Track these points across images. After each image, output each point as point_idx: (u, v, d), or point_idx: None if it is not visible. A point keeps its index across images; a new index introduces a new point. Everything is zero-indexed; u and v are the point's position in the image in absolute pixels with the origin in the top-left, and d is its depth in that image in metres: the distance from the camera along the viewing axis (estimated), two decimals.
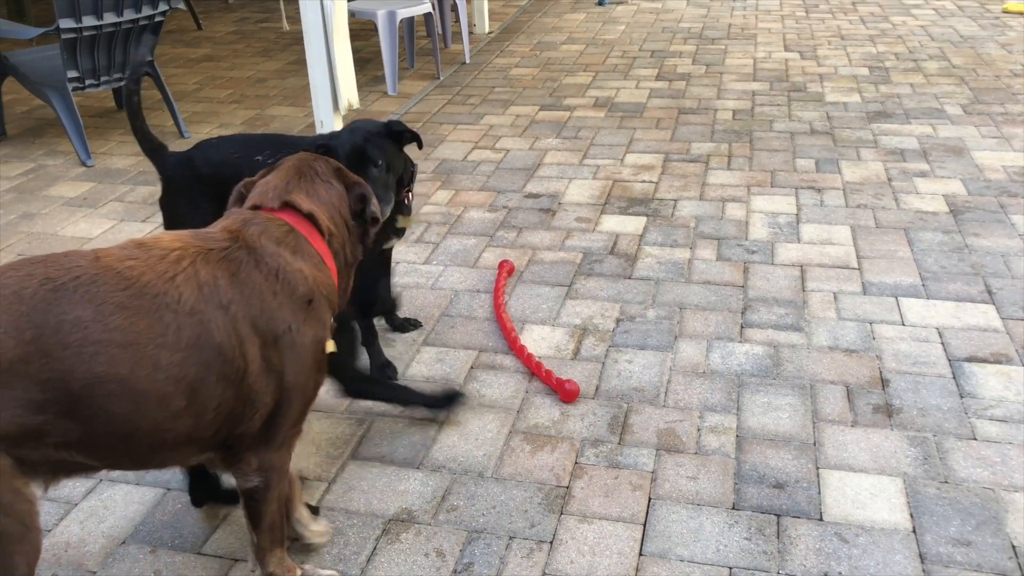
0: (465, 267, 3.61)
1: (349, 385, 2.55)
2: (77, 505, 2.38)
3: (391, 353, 2.98)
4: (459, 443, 2.57)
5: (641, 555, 2.15)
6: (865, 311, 3.18)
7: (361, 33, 7.56)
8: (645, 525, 2.24)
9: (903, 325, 3.08)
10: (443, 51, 7.12)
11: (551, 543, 2.20)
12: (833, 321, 3.12)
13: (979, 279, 3.37)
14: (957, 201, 4.06)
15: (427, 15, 6.41)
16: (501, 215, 4.10)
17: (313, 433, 2.62)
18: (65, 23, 4.64)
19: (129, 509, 2.36)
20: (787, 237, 3.77)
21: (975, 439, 2.51)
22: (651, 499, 2.33)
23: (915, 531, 2.19)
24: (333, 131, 2.71)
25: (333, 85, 4.91)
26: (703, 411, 2.67)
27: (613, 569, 2.11)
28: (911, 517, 2.23)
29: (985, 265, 3.47)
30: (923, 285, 3.34)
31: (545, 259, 3.67)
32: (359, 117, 5.37)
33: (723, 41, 7.29)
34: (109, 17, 4.78)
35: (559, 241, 3.82)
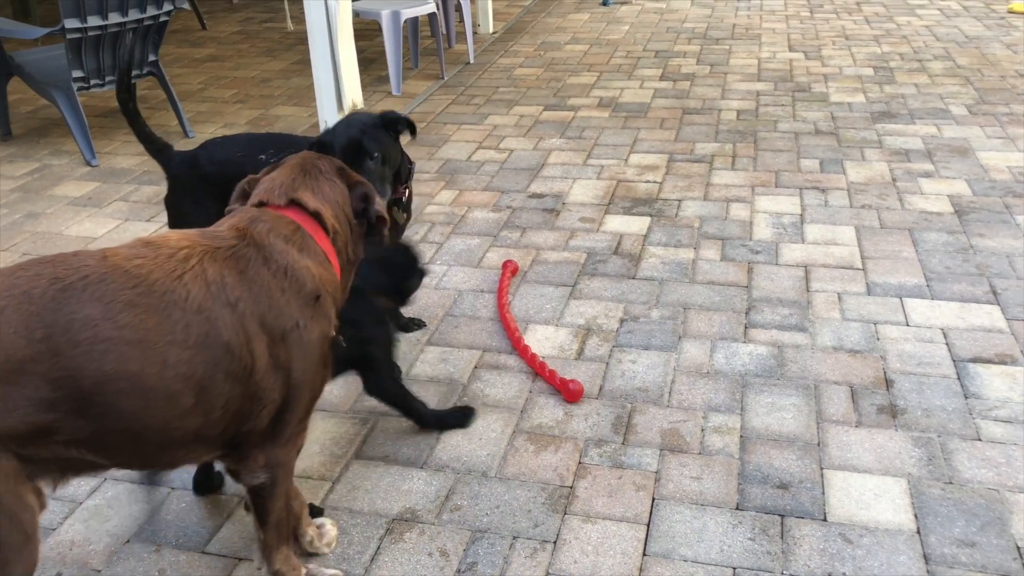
0: (469, 267, 3.61)
1: (380, 383, 2.53)
2: (82, 504, 2.39)
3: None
4: (463, 443, 2.57)
5: (645, 555, 2.15)
6: (869, 311, 3.17)
7: (365, 33, 7.57)
8: (649, 525, 2.24)
9: (907, 326, 3.07)
10: (447, 51, 7.12)
11: (555, 543, 2.20)
12: (837, 321, 3.11)
13: (984, 280, 3.36)
14: (962, 202, 4.05)
15: (431, 15, 6.42)
16: (505, 215, 4.10)
17: (317, 432, 2.62)
18: (70, 23, 4.65)
19: (133, 508, 2.37)
20: (791, 237, 3.76)
21: (980, 440, 2.50)
22: (655, 499, 2.33)
23: (919, 532, 2.19)
24: (328, 127, 2.69)
25: (337, 85, 4.92)
26: (707, 411, 2.67)
27: (617, 569, 2.11)
28: (915, 518, 2.23)
29: (990, 266, 3.46)
30: (928, 286, 3.33)
31: (549, 259, 3.67)
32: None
33: (727, 41, 7.29)
34: (114, 17, 4.79)
35: (563, 241, 3.82)
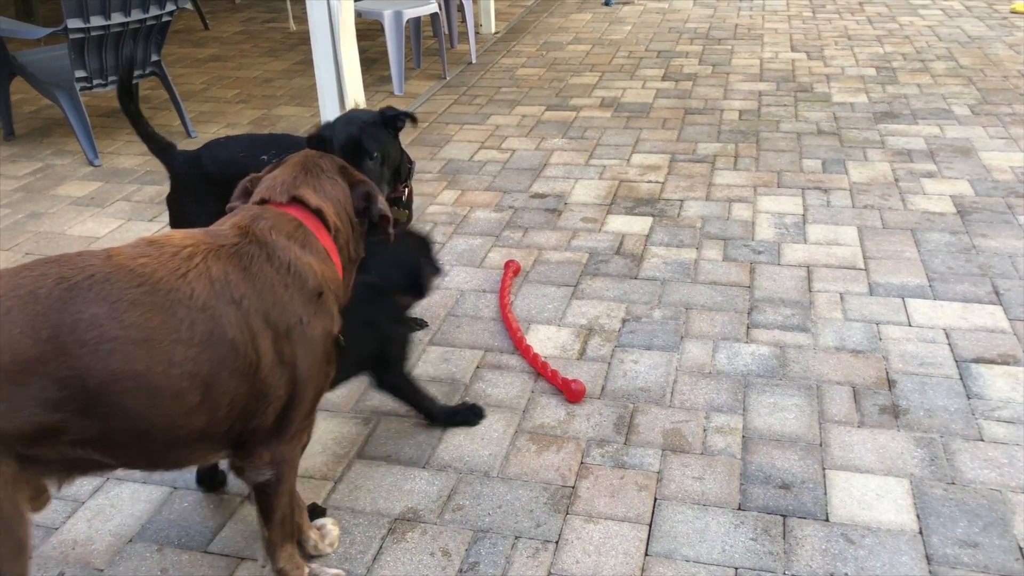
0: (471, 267, 3.61)
1: (393, 380, 2.53)
2: (84, 503, 2.39)
3: None
4: (465, 443, 2.57)
5: (647, 555, 2.15)
6: (872, 312, 3.17)
7: (368, 33, 7.57)
8: (651, 525, 2.24)
9: (910, 326, 3.07)
10: (449, 51, 7.13)
11: (557, 543, 2.20)
12: (839, 322, 3.11)
13: (986, 280, 3.36)
14: (964, 202, 4.05)
15: (433, 15, 6.42)
16: (507, 215, 4.11)
17: (319, 432, 2.62)
18: (73, 23, 4.66)
19: (136, 507, 2.37)
20: (793, 238, 3.76)
21: (982, 440, 2.50)
22: (657, 499, 2.33)
23: (922, 532, 2.19)
24: (328, 121, 2.67)
25: (340, 85, 4.91)
26: (709, 411, 2.67)
27: (619, 569, 2.11)
28: (918, 518, 2.23)
29: (992, 266, 3.46)
30: (930, 286, 3.33)
31: (551, 259, 3.67)
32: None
33: (729, 41, 7.28)
34: (117, 17, 4.79)
35: (565, 241, 3.82)
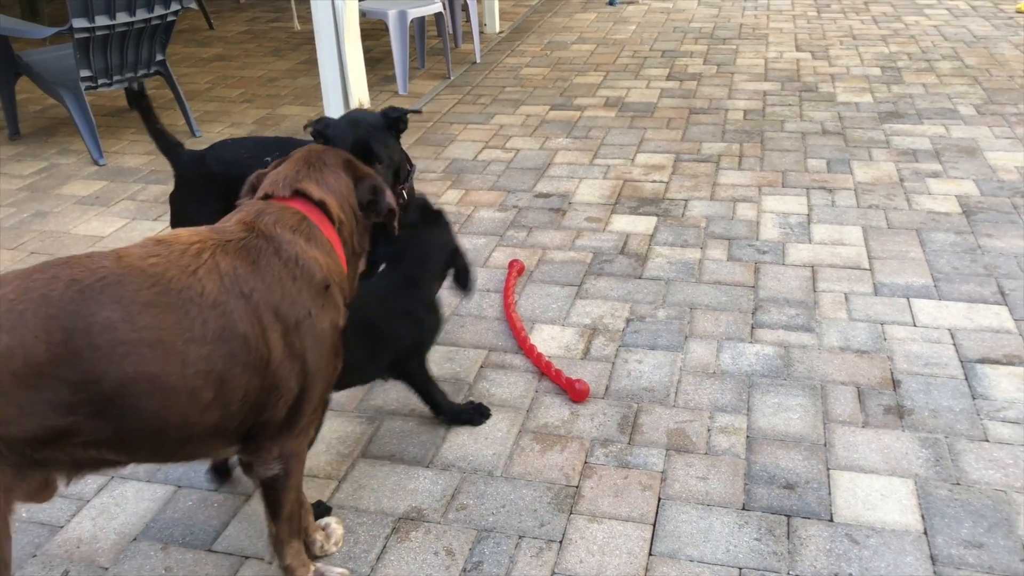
0: (475, 266, 3.61)
1: (411, 368, 2.53)
2: (89, 502, 2.39)
3: None
4: (469, 442, 2.57)
5: (651, 555, 2.15)
6: (876, 312, 3.16)
7: (372, 33, 7.58)
8: (655, 525, 2.24)
9: (915, 326, 3.06)
10: (454, 51, 7.13)
11: (560, 542, 2.20)
12: (844, 322, 3.11)
13: (992, 280, 3.35)
14: (970, 202, 4.04)
15: (438, 15, 6.42)
16: (511, 215, 4.11)
17: (323, 431, 2.62)
18: (78, 23, 4.67)
19: (140, 506, 2.37)
20: (798, 237, 3.76)
21: (987, 441, 2.49)
22: (661, 499, 2.33)
23: (926, 533, 2.18)
24: (327, 119, 2.58)
25: (344, 85, 4.92)
26: (713, 411, 2.67)
27: (622, 569, 2.11)
28: (922, 519, 2.23)
29: (998, 266, 3.45)
30: (935, 286, 3.32)
31: (555, 259, 3.66)
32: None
33: (734, 41, 7.27)
34: (122, 17, 4.80)
35: (569, 241, 3.82)
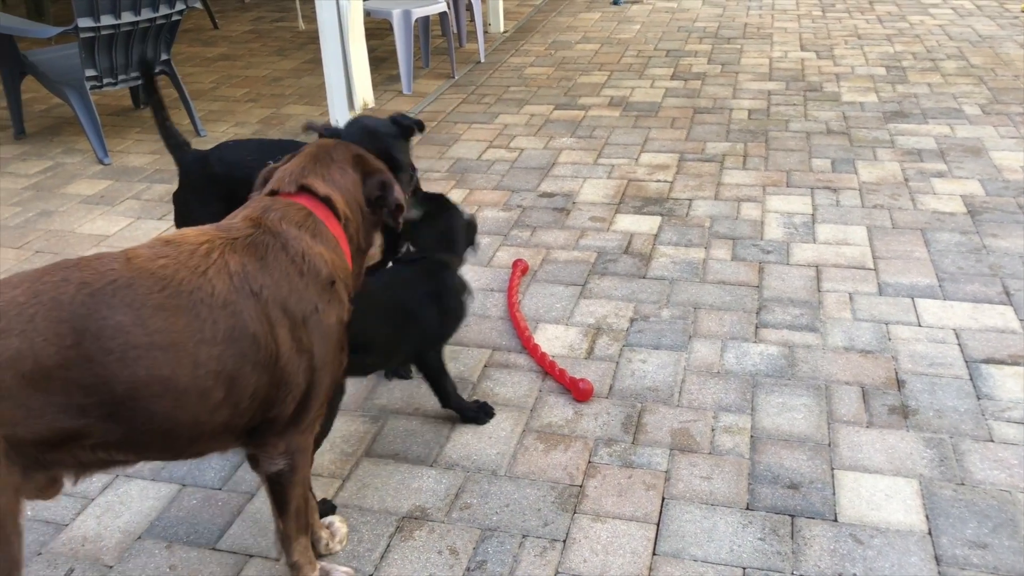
0: (479, 266, 3.61)
1: (428, 355, 2.55)
2: (94, 500, 2.40)
3: None
4: (473, 441, 2.58)
5: (654, 555, 2.15)
6: (881, 312, 3.16)
7: (376, 32, 7.58)
8: (659, 525, 2.24)
9: (919, 326, 3.06)
10: (458, 50, 7.13)
11: (564, 542, 2.20)
12: (849, 322, 3.10)
13: (997, 280, 3.34)
14: (975, 202, 4.03)
15: (442, 14, 6.42)
16: (515, 214, 4.11)
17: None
18: (83, 22, 4.68)
19: (145, 504, 2.38)
20: (802, 237, 3.75)
21: (992, 441, 2.49)
22: (665, 499, 2.33)
23: (931, 533, 2.18)
24: (335, 128, 2.61)
25: (348, 84, 4.93)
26: (717, 411, 2.66)
27: (626, 568, 2.11)
28: (927, 519, 2.22)
29: (1003, 266, 3.44)
30: (940, 286, 3.31)
31: (559, 258, 3.66)
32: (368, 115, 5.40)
33: (739, 40, 7.27)
34: (127, 16, 4.81)
35: (573, 240, 3.82)
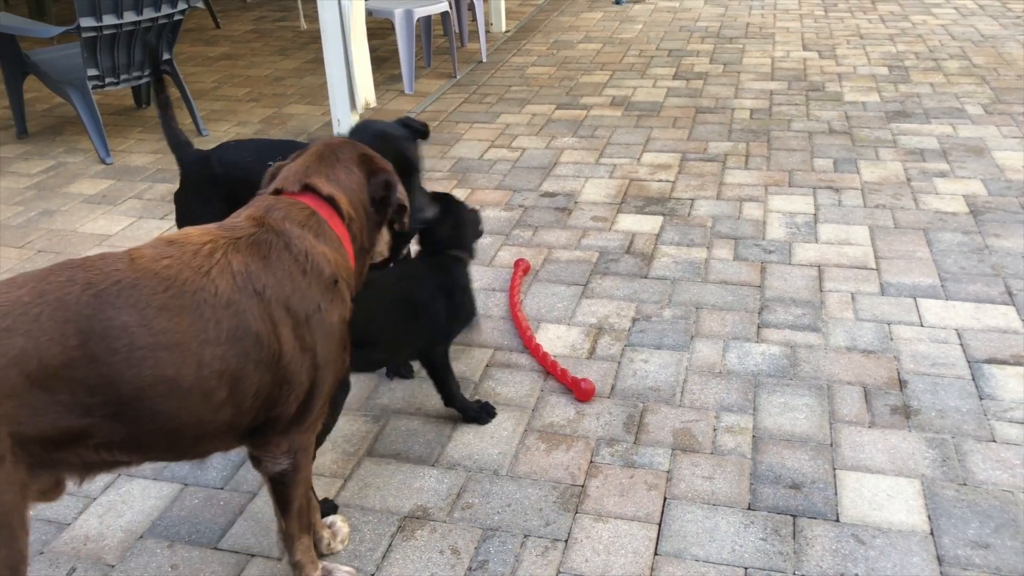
0: (481, 265, 3.61)
1: (438, 352, 2.56)
2: (96, 499, 2.40)
3: None
4: (474, 441, 2.57)
5: (656, 555, 2.15)
6: (883, 312, 3.16)
7: (378, 32, 7.58)
8: (660, 525, 2.24)
9: (921, 326, 3.06)
10: (460, 50, 7.13)
11: (566, 542, 2.20)
12: (851, 322, 3.10)
13: (999, 280, 3.34)
14: (977, 202, 4.03)
15: (444, 14, 6.42)
16: (517, 214, 4.10)
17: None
18: (85, 22, 4.68)
19: (147, 504, 2.38)
20: (805, 237, 3.75)
21: (994, 441, 2.49)
22: (666, 499, 2.32)
23: (933, 533, 2.18)
24: (360, 135, 2.59)
25: (350, 84, 4.92)
26: (719, 411, 2.66)
27: (628, 568, 2.11)
28: (929, 519, 2.22)
29: (1005, 266, 3.44)
30: (942, 286, 3.31)
31: (561, 258, 3.66)
32: (376, 116, 5.40)
33: (741, 40, 7.26)
34: (129, 16, 4.81)
35: (575, 240, 3.81)
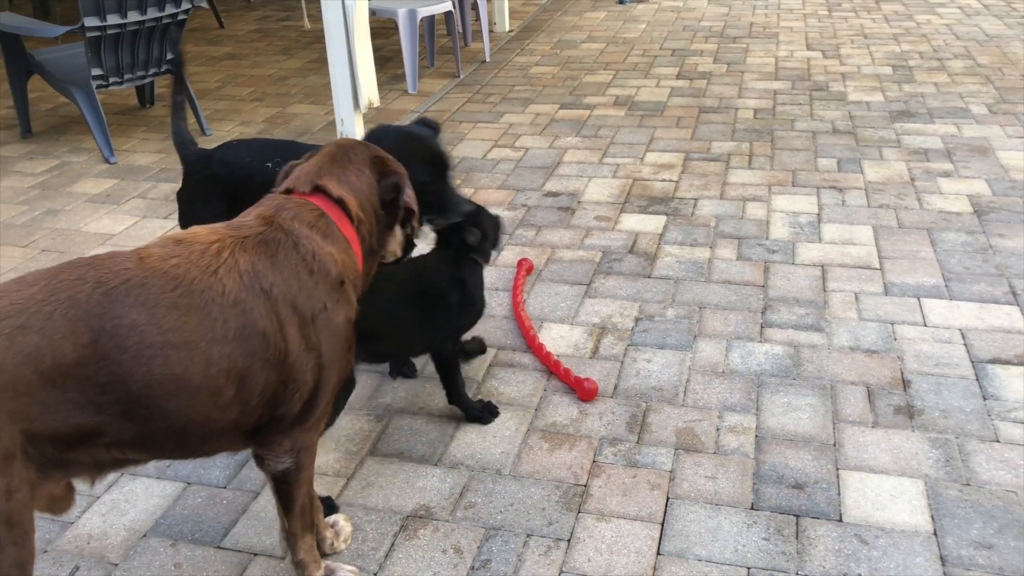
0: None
1: (447, 349, 2.58)
2: (99, 498, 2.41)
3: None
4: (477, 440, 2.58)
5: (659, 554, 2.15)
6: (887, 311, 3.15)
7: (382, 31, 7.58)
8: (663, 524, 2.24)
9: (925, 326, 3.05)
10: (463, 49, 7.13)
11: (568, 541, 2.20)
12: (854, 321, 3.09)
13: (1003, 280, 3.33)
14: (981, 201, 4.02)
15: (447, 13, 6.42)
16: (520, 213, 4.10)
17: (332, 429, 2.63)
18: (90, 21, 4.69)
19: (150, 503, 2.38)
20: (808, 237, 3.74)
21: (998, 441, 2.48)
22: (669, 498, 2.32)
23: (936, 533, 2.17)
24: (380, 141, 2.50)
25: (354, 83, 4.92)
26: (722, 411, 2.66)
27: (630, 568, 2.11)
28: (932, 519, 2.22)
29: (1009, 266, 3.43)
30: (946, 286, 3.30)
31: (564, 257, 3.66)
32: (379, 116, 5.40)
33: (744, 40, 7.25)
34: (133, 15, 4.82)
35: (578, 240, 3.81)
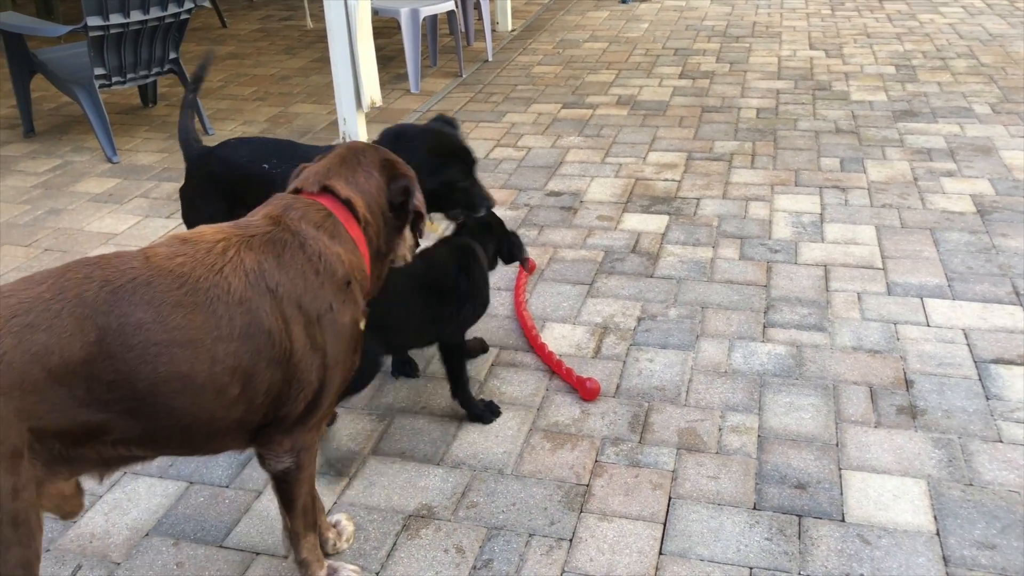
0: None
1: (455, 345, 2.59)
2: (102, 497, 2.41)
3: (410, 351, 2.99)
4: (479, 440, 2.58)
5: (661, 554, 2.14)
6: (889, 311, 3.15)
7: (384, 31, 7.58)
8: (665, 524, 2.24)
9: (928, 326, 3.05)
10: (466, 49, 7.13)
11: (571, 541, 2.20)
12: (857, 321, 3.09)
13: (1006, 280, 3.32)
14: (984, 201, 4.01)
15: (450, 13, 6.42)
16: (523, 213, 4.10)
17: (334, 429, 2.63)
18: (93, 21, 4.69)
19: (152, 502, 2.39)
20: (811, 236, 3.74)
21: (1001, 441, 2.48)
22: (671, 498, 2.32)
23: (939, 533, 2.17)
24: (407, 141, 2.44)
25: (356, 83, 4.92)
26: (724, 411, 2.66)
27: (632, 568, 2.11)
28: (935, 519, 2.21)
29: (1012, 266, 3.43)
30: (949, 286, 3.30)
31: (566, 257, 3.66)
32: (381, 115, 5.40)
33: (747, 39, 7.25)
34: (136, 15, 4.82)
35: (581, 239, 3.81)
